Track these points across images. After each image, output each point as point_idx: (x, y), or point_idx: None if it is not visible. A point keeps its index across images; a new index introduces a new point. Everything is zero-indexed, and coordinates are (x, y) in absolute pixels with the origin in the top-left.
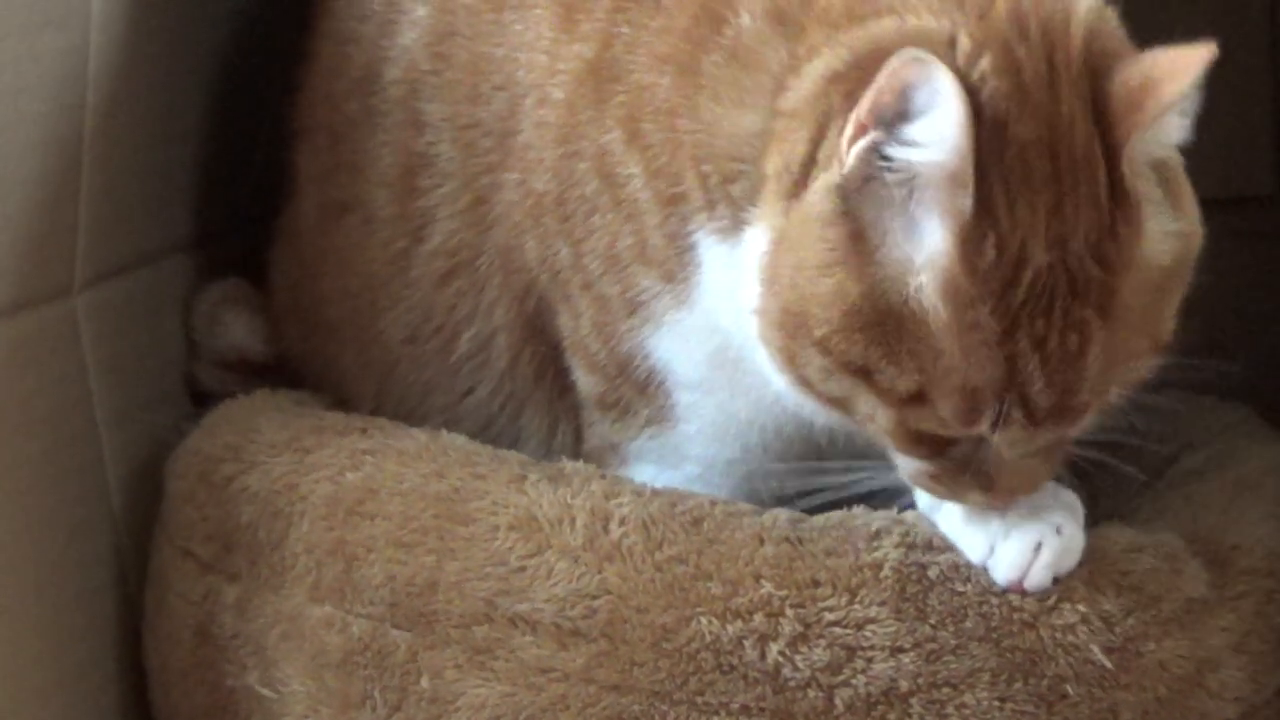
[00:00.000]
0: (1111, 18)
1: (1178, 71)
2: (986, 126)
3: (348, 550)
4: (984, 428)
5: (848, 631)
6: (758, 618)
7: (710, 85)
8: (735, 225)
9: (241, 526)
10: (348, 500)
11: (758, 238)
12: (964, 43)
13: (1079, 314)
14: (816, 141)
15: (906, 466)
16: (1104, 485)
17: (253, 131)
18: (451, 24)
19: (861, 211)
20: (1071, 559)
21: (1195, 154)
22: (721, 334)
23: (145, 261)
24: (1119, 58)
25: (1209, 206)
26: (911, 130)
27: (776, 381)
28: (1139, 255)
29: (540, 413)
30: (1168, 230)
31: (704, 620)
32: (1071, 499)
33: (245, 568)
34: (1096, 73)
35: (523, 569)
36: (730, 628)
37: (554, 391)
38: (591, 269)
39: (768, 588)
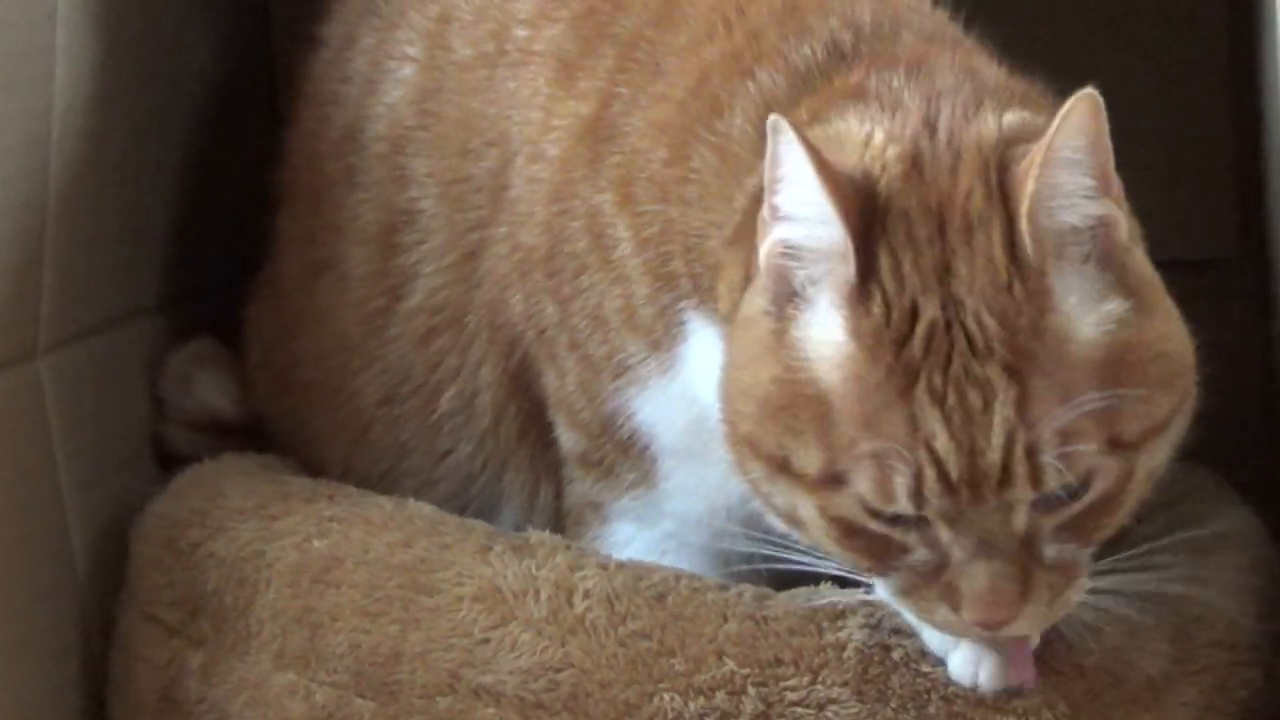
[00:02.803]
0: (1043, 126)
1: (1054, 125)
2: (879, 203)
3: (313, 618)
4: (902, 501)
5: (809, 711)
6: (720, 695)
7: (699, 183)
8: (722, 319)
9: (207, 592)
10: (313, 568)
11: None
12: (877, 138)
13: (980, 371)
14: (749, 259)
15: (882, 587)
16: None
17: (220, 195)
18: (440, 81)
19: (776, 307)
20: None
21: (1159, 217)
22: (700, 405)
23: (111, 324)
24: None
25: (1173, 269)
26: (781, 199)
27: (689, 371)
28: (1050, 320)
29: (522, 472)
30: (1102, 308)
31: (666, 696)
32: None
33: (211, 633)
34: (1007, 164)
35: (487, 640)
36: (692, 704)
37: (536, 449)
38: (579, 329)
39: (730, 665)
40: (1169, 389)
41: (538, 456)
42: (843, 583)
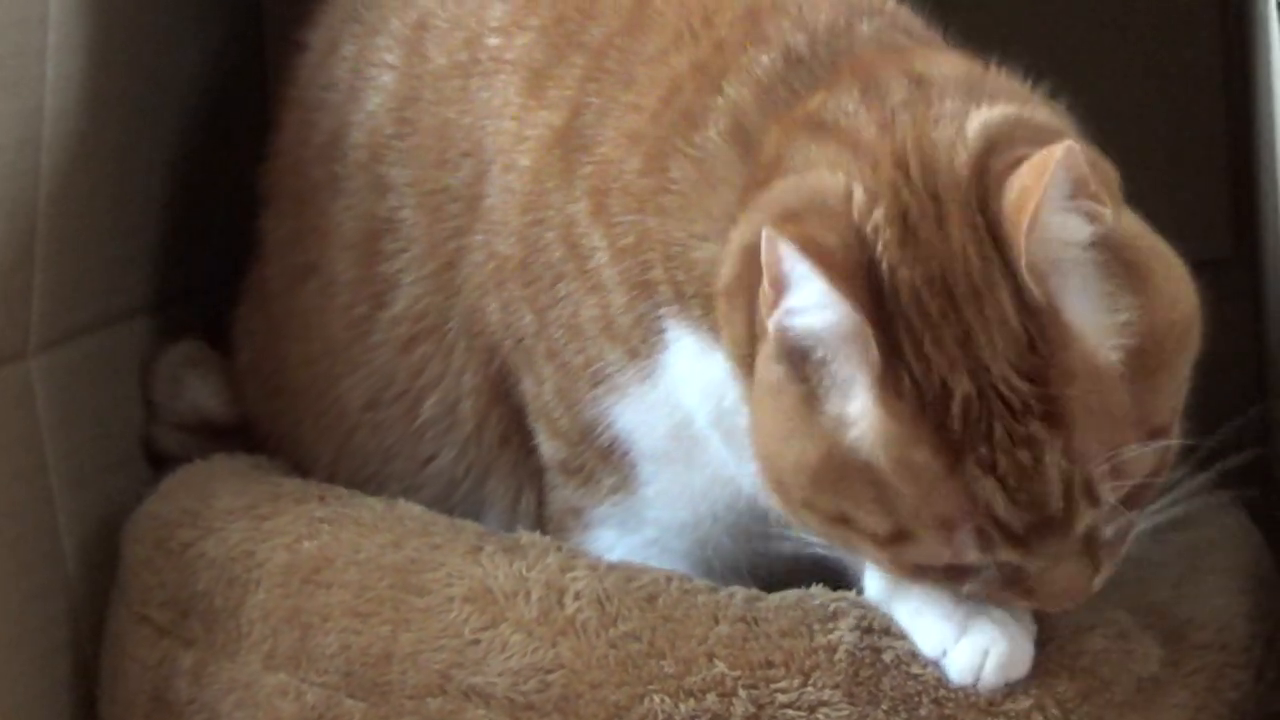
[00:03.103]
0: (1020, 122)
1: (1039, 177)
2: (884, 276)
3: (303, 619)
4: (973, 556)
5: (800, 714)
6: (710, 697)
7: (679, 194)
8: (708, 323)
9: (198, 593)
10: (304, 568)
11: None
12: (859, 195)
13: (1024, 431)
14: (752, 315)
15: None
16: None
17: (212, 196)
18: (417, 90)
19: (800, 374)
20: (1021, 668)
21: (1153, 218)
22: (683, 411)
23: (102, 325)
24: (1011, 172)
25: None
26: (792, 301)
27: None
28: (1076, 358)
29: (505, 479)
30: (1117, 320)
31: (657, 698)
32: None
33: (201, 634)
34: (988, 194)
35: (477, 641)
36: (683, 706)
37: (519, 456)
38: (556, 337)
39: (721, 667)
40: (1184, 350)
41: (520, 463)
42: (834, 585)
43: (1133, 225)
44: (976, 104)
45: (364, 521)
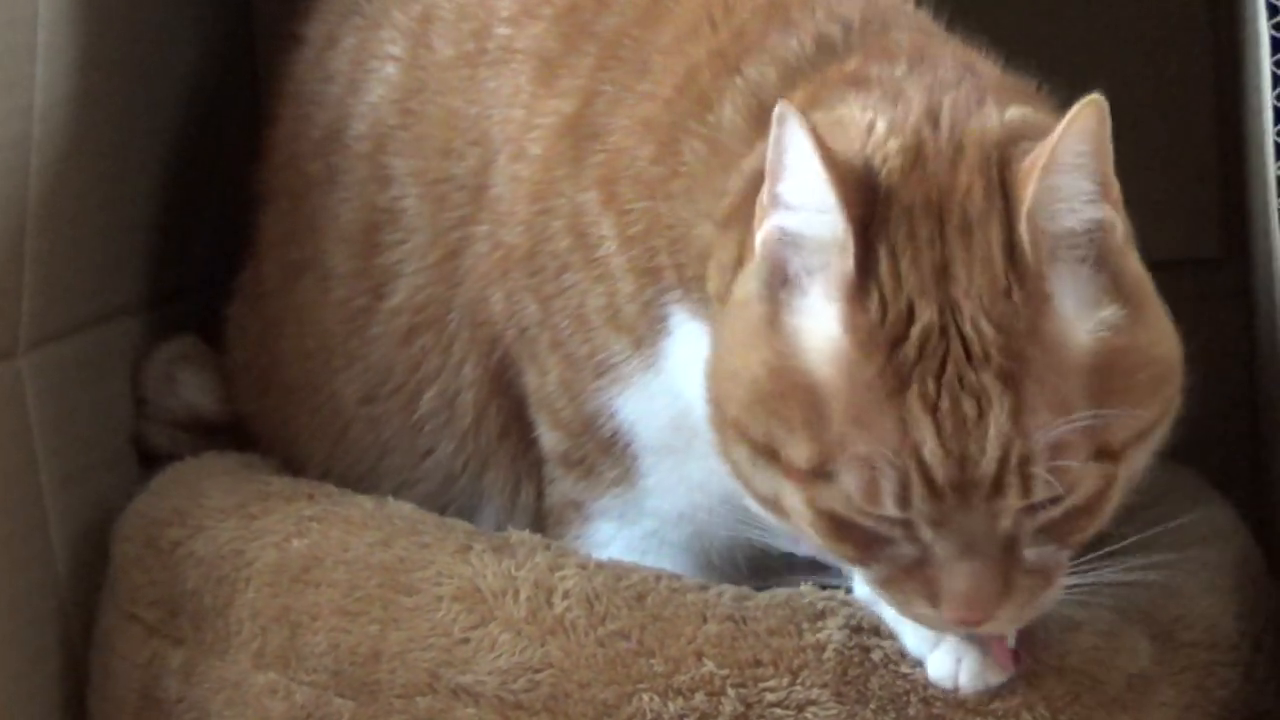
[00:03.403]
0: (1044, 123)
1: (1059, 129)
2: (880, 195)
3: (292, 617)
4: (888, 505)
5: (788, 713)
6: (699, 696)
7: (688, 175)
8: (708, 305)
9: (187, 591)
10: (293, 567)
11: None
12: (880, 127)
13: (976, 380)
14: (743, 241)
15: (862, 576)
16: None
17: (203, 193)
18: (422, 80)
19: (770, 291)
20: (998, 675)
21: (1143, 217)
22: (684, 400)
23: (93, 323)
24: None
25: (1157, 269)
26: (783, 187)
27: (671, 368)
28: (1049, 324)
29: (504, 471)
30: (1099, 314)
31: (646, 697)
32: None
33: (191, 633)
34: (1009, 158)
35: (466, 640)
36: (671, 705)
37: (518, 449)
38: (561, 327)
39: (710, 666)
40: (1156, 396)
41: (519, 456)
42: (823, 584)
43: (1141, 269)
44: (1021, 104)
45: (353, 520)
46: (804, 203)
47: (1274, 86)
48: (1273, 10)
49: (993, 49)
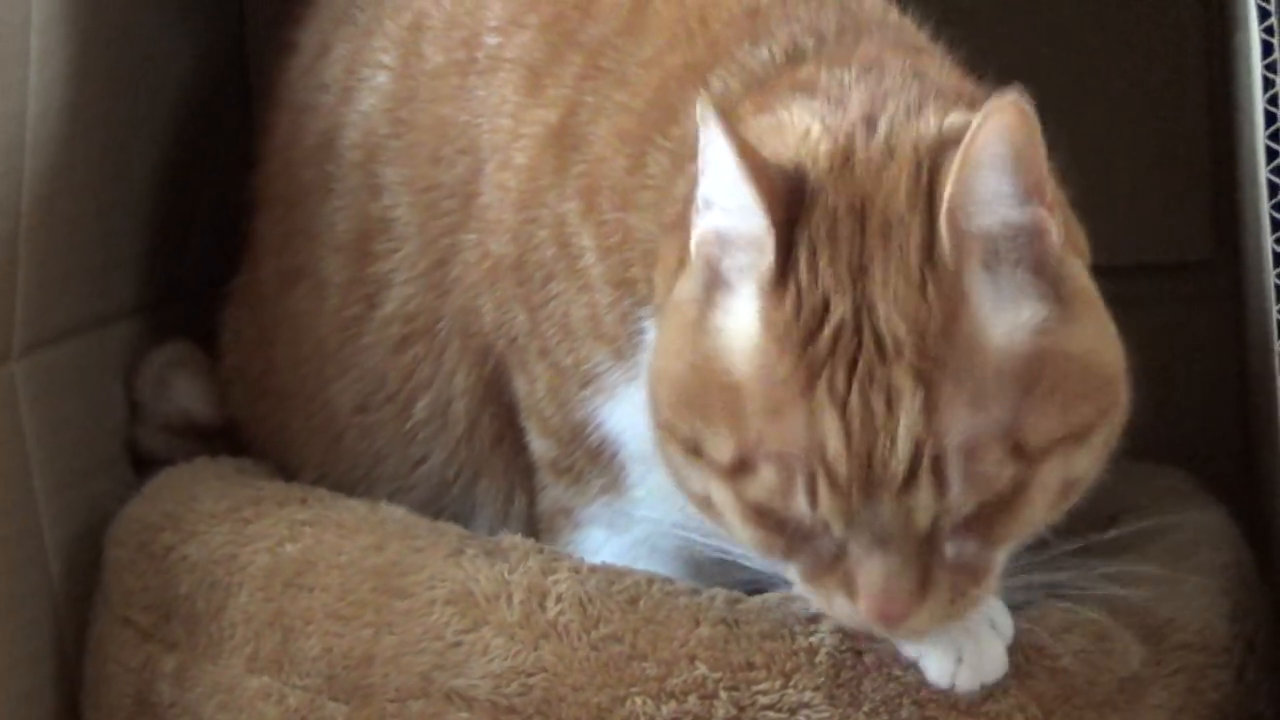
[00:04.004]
0: None
1: (972, 129)
2: (806, 195)
3: (285, 622)
4: (800, 502)
5: (781, 716)
6: (692, 699)
7: (654, 188)
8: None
9: (180, 596)
10: (286, 572)
11: None
12: (814, 131)
13: (886, 375)
14: (685, 246)
15: (791, 574)
16: (1037, 554)
17: (196, 198)
18: (413, 89)
19: (705, 293)
20: (995, 671)
21: (1136, 220)
22: None
23: (86, 327)
24: None
25: (1149, 271)
26: (707, 185)
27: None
28: (964, 325)
29: (496, 479)
30: (1020, 316)
31: (638, 700)
32: (995, 607)
33: (184, 637)
34: (939, 165)
35: (459, 644)
36: (664, 708)
37: (511, 457)
38: (548, 336)
39: (702, 669)
40: (1088, 400)
41: (512, 464)
42: None
43: (1083, 277)
44: (966, 109)
45: (346, 524)
46: (726, 202)
47: (1265, 90)
48: (1264, 14)
49: (985, 57)
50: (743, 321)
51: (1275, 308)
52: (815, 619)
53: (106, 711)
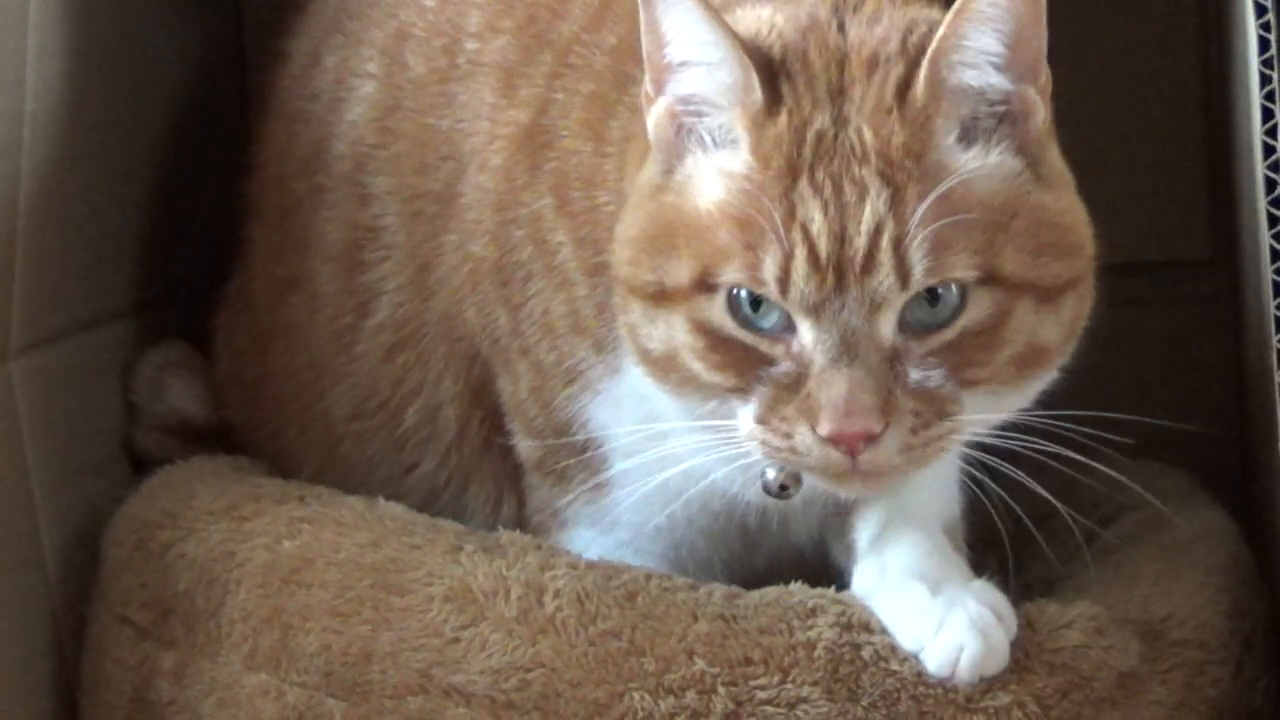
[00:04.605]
0: None
1: None
2: (774, 52)
3: (284, 619)
4: (770, 284)
5: (779, 710)
6: (690, 694)
7: (615, 155)
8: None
9: (178, 593)
10: (284, 569)
11: None
12: (778, 19)
13: (858, 172)
14: (641, 151)
15: (744, 425)
16: (1035, 551)
17: (192, 199)
18: (398, 98)
19: (665, 165)
20: (997, 663)
21: (1133, 220)
22: (649, 404)
23: (83, 328)
24: None
25: (1146, 271)
26: (670, 51)
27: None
28: (933, 155)
29: (486, 485)
30: (989, 158)
31: (637, 696)
32: (998, 600)
33: (182, 635)
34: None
35: (457, 640)
36: (663, 704)
37: (500, 462)
38: (529, 335)
39: (700, 664)
40: (1060, 259)
41: (500, 469)
42: (813, 583)
43: (1062, 164)
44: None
45: (344, 521)
46: (703, 56)
47: (1262, 86)
48: (1260, 10)
49: None
50: (719, 161)
51: (1273, 304)
52: (813, 613)
53: (105, 710)
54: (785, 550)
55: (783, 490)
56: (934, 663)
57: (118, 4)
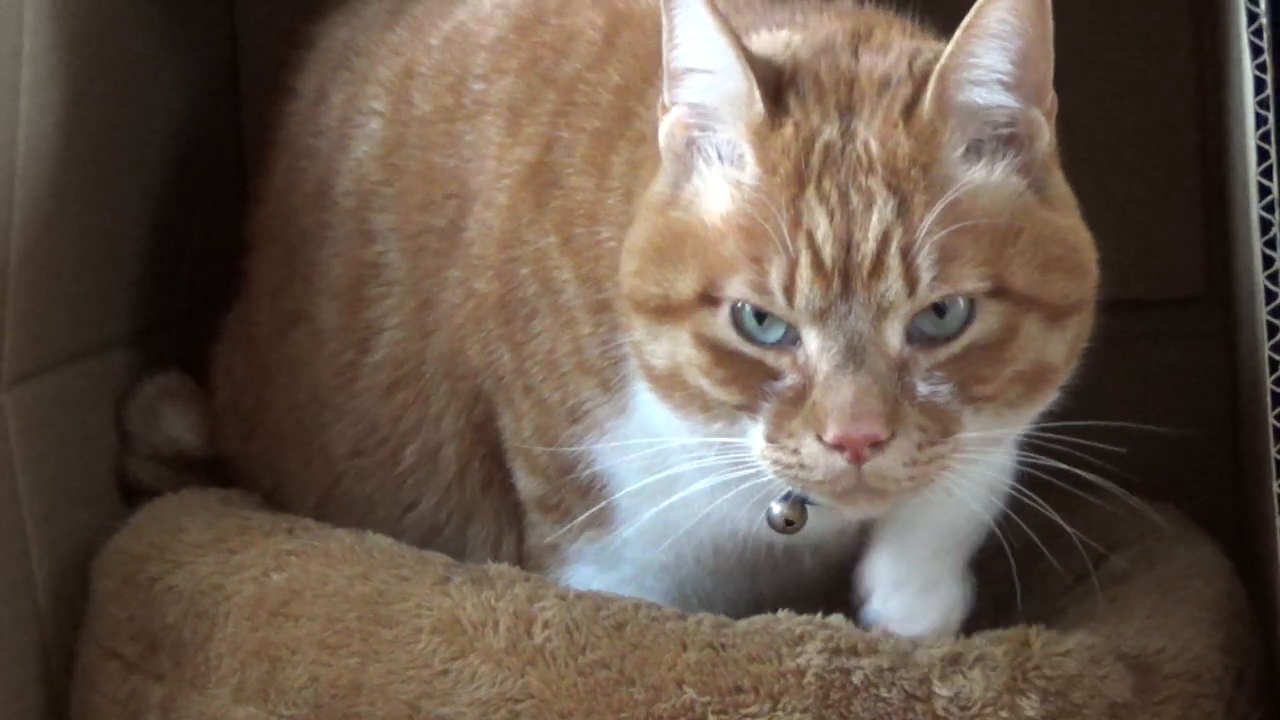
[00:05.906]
0: None
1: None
2: (785, 69)
3: (272, 651)
4: (776, 294)
5: None
6: None
7: (620, 190)
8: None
9: (167, 626)
10: (272, 601)
11: None
12: (795, 40)
13: (865, 182)
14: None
15: (755, 445)
16: (1031, 585)
17: (186, 229)
18: (403, 135)
19: (674, 178)
20: (937, 622)
21: (1128, 256)
22: (657, 439)
23: (76, 357)
24: None
25: (1141, 307)
26: (677, 55)
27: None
28: (940, 169)
29: (487, 523)
30: (993, 175)
31: None
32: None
33: (170, 668)
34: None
35: (446, 672)
36: None
37: (501, 500)
38: (533, 374)
39: (690, 694)
40: (1067, 277)
41: (501, 507)
42: (799, 610)
43: (1066, 188)
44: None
45: (332, 554)
46: (708, 64)
47: (1257, 127)
48: (1256, 50)
49: None
50: (726, 173)
51: (1267, 344)
52: (801, 640)
53: None
54: (798, 594)
55: (788, 525)
56: (876, 599)
57: (113, 35)
